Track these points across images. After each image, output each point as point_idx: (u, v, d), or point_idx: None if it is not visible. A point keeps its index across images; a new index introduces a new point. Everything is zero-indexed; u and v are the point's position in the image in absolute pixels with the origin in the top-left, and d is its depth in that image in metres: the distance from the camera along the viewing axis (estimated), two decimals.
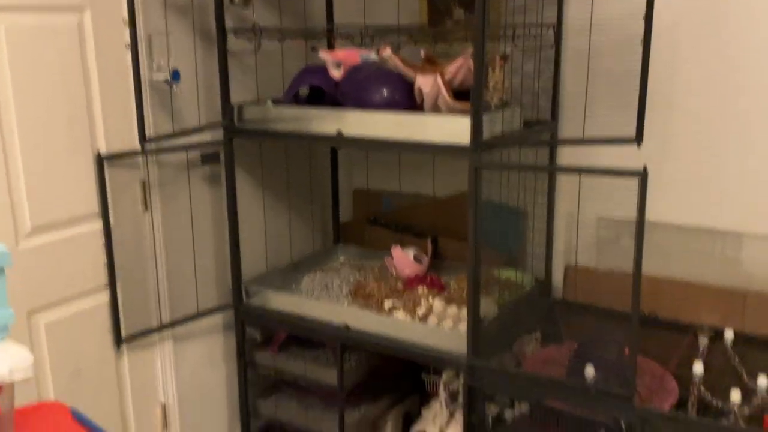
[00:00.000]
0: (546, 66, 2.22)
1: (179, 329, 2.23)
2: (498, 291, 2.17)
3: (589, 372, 1.76)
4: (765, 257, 2.05)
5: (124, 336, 2.05)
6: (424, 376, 2.31)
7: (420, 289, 2.25)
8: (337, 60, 2.08)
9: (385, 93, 1.99)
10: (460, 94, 1.90)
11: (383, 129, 1.93)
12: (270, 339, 2.41)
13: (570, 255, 2.36)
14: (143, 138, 1.92)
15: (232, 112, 2.17)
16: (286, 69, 2.44)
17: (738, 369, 1.91)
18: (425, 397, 2.37)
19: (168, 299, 2.19)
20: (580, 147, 2.27)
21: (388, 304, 2.18)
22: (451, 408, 2.19)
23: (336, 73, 2.07)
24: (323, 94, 2.18)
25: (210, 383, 2.38)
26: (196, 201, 2.24)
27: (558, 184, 2.32)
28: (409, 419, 2.42)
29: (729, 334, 1.97)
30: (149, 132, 2.01)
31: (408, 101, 1.98)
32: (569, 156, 2.30)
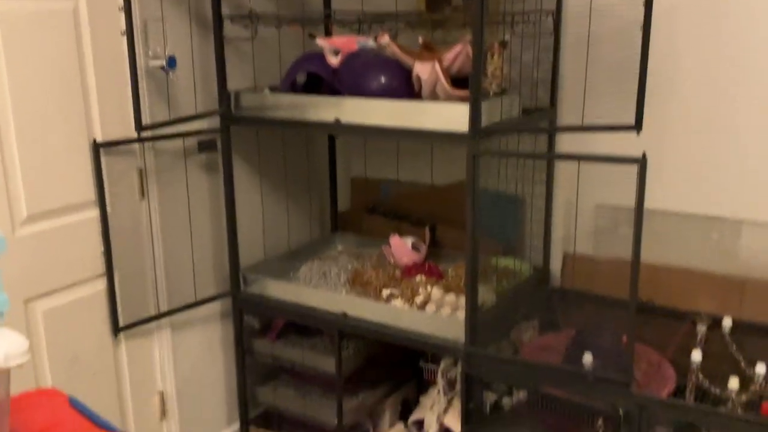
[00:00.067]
0: (545, 54, 2.21)
1: (177, 317, 2.23)
2: (496, 279, 2.17)
3: (587, 359, 1.76)
4: (764, 245, 2.05)
5: (121, 324, 2.05)
6: (421, 363, 2.32)
7: (418, 278, 2.24)
8: (335, 47, 2.07)
9: (383, 80, 1.98)
10: (458, 81, 1.89)
11: (381, 116, 1.92)
12: (268, 327, 2.41)
13: (568, 243, 2.36)
14: (139, 125, 1.90)
15: (228, 99, 2.16)
16: (283, 56, 2.43)
17: (736, 356, 1.91)
18: (423, 385, 2.38)
19: (165, 287, 2.19)
20: (578, 135, 2.26)
21: (386, 292, 2.18)
22: (449, 395, 2.20)
23: (333, 61, 2.06)
24: (321, 81, 2.17)
25: (208, 371, 2.39)
26: (193, 189, 2.24)
27: (556, 171, 2.31)
28: (407, 407, 2.43)
29: (727, 321, 1.97)
30: (146, 119, 2.00)
31: (406, 88, 1.97)
32: (568, 144, 2.30)
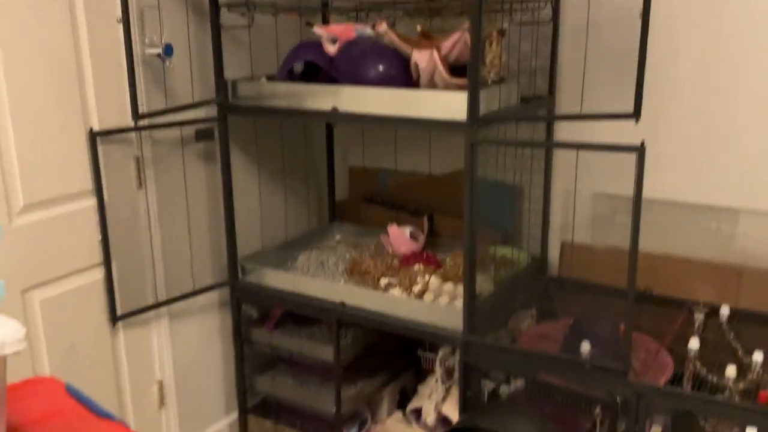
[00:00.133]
0: (543, 42, 2.20)
1: (175, 307, 2.23)
2: (494, 268, 2.17)
3: (585, 348, 1.77)
4: (761, 233, 2.05)
5: (119, 313, 2.05)
6: (419, 352, 2.32)
7: (416, 267, 2.24)
8: (333, 35, 2.06)
9: (381, 69, 1.97)
10: (456, 69, 1.88)
11: (379, 105, 1.91)
12: (266, 316, 2.41)
13: (566, 232, 2.36)
14: (136, 114, 1.89)
15: (225, 88, 2.15)
16: (280, 44, 2.42)
17: (733, 345, 1.92)
18: (421, 374, 2.39)
19: (163, 277, 2.19)
20: (577, 124, 2.26)
21: (384, 281, 2.18)
22: (447, 384, 2.20)
23: (331, 49, 2.05)
24: (318, 69, 2.15)
25: (206, 360, 2.39)
26: (190, 178, 2.23)
27: (555, 160, 2.31)
28: (405, 395, 2.43)
29: (724, 310, 1.97)
30: (142, 108, 1.99)
31: (404, 77, 1.96)
32: (566, 132, 2.29)
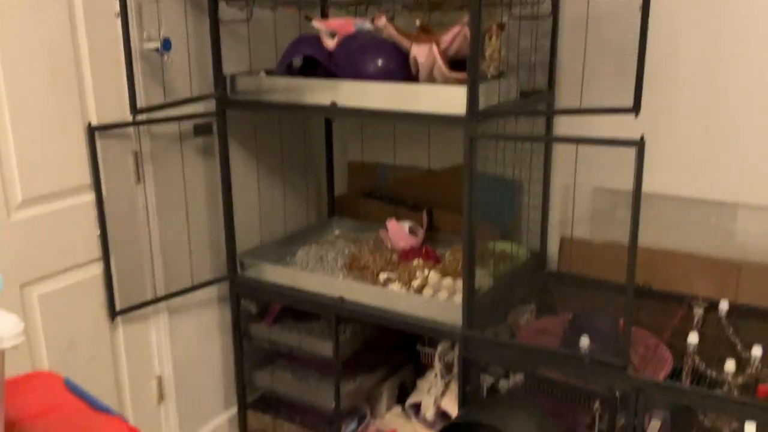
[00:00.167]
0: (543, 37, 2.20)
1: (174, 302, 2.23)
2: (493, 263, 2.17)
3: (584, 342, 1.77)
4: (760, 228, 2.05)
5: (118, 308, 2.04)
6: (419, 347, 2.32)
7: (415, 261, 2.24)
8: (331, 29, 2.05)
9: (380, 63, 1.96)
10: (455, 63, 1.87)
11: (378, 99, 1.91)
12: (265, 311, 2.41)
13: (565, 227, 2.36)
14: (134, 108, 1.89)
15: (224, 82, 2.14)
16: (279, 39, 2.41)
17: (732, 339, 1.91)
18: (420, 369, 2.39)
19: (162, 272, 2.18)
20: (576, 119, 2.25)
21: (383, 276, 2.18)
22: (446, 379, 2.20)
23: (330, 43, 2.04)
24: (317, 64, 2.15)
25: (205, 355, 2.39)
26: (189, 173, 2.23)
27: (554, 155, 2.31)
28: (405, 390, 2.44)
29: (724, 305, 1.97)
30: (140, 102, 1.98)
31: (403, 71, 1.96)
32: (566, 127, 2.29)
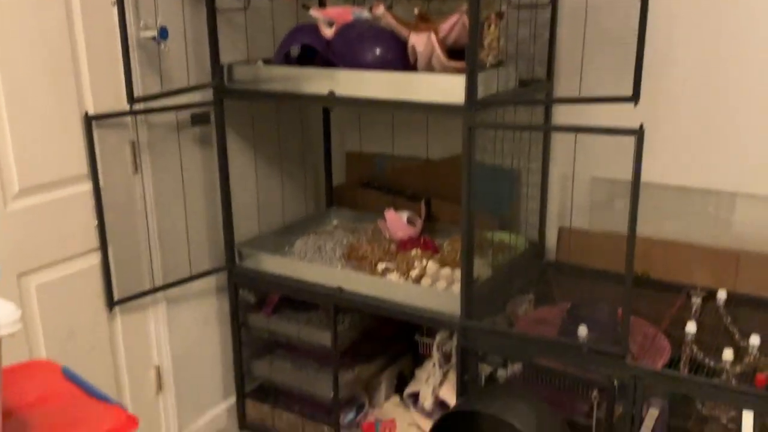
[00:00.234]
0: (542, 26, 2.19)
1: (172, 292, 2.23)
2: (491, 253, 2.17)
3: (582, 331, 1.77)
4: (758, 217, 2.05)
5: (116, 298, 2.04)
6: (417, 337, 2.32)
7: (413, 252, 2.24)
8: (329, 18, 2.04)
9: (378, 52, 1.95)
10: (454, 52, 1.87)
11: (376, 89, 1.90)
12: (263, 301, 2.41)
13: (563, 217, 2.36)
14: (131, 97, 1.88)
15: (221, 71, 2.13)
16: (276, 28, 2.40)
17: (730, 329, 1.92)
18: (418, 359, 2.39)
19: (160, 262, 2.18)
20: (575, 109, 2.25)
21: (381, 266, 2.18)
22: (445, 368, 2.21)
23: (328, 32, 2.03)
24: (315, 53, 2.14)
25: (204, 345, 2.39)
26: (187, 163, 2.22)
27: (553, 145, 2.30)
28: (403, 380, 2.44)
29: (722, 294, 1.97)
30: (137, 92, 1.97)
31: (401, 60, 1.95)
32: (564, 117, 2.28)
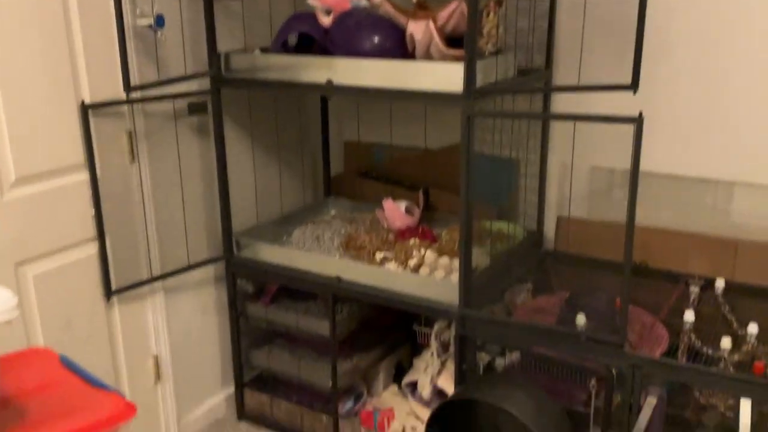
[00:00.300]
0: (541, 18, 2.17)
1: (170, 281, 2.22)
2: (490, 242, 2.16)
3: (581, 320, 1.77)
4: (756, 206, 2.05)
5: (114, 288, 2.04)
6: (415, 327, 2.32)
7: (412, 241, 2.24)
8: (327, 6, 2.02)
9: (376, 40, 1.94)
10: (452, 40, 1.86)
11: (374, 77, 1.89)
12: (262, 291, 2.41)
13: (562, 206, 2.35)
14: (128, 86, 1.87)
15: (219, 60, 2.12)
16: (273, 16, 2.38)
17: (728, 317, 1.92)
18: (417, 348, 2.39)
19: (158, 251, 2.17)
20: (573, 98, 2.24)
21: (379, 255, 2.17)
22: (443, 358, 2.21)
23: (325, 20, 2.02)
24: (312, 41, 2.13)
25: (202, 335, 2.39)
26: (184, 152, 2.21)
27: (551, 134, 2.29)
28: (401, 369, 2.44)
29: (720, 283, 1.98)
30: (134, 80, 1.96)
31: (399, 48, 1.94)
32: (563, 107, 2.27)
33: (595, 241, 2.24)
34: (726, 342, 1.72)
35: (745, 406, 1.58)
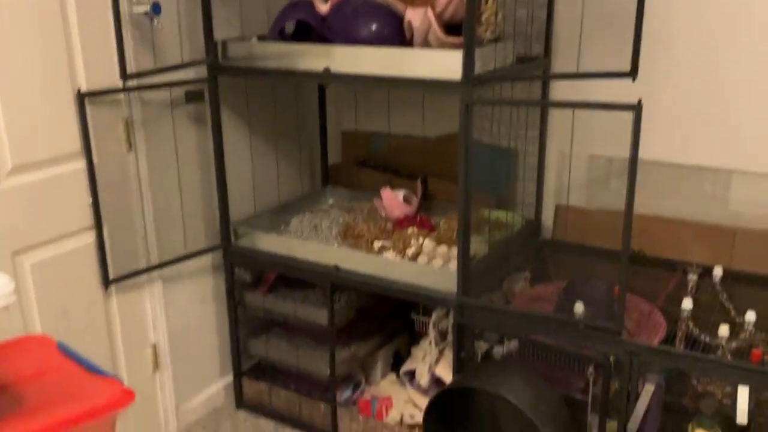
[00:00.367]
0: (540, 7, 2.16)
1: (168, 270, 2.22)
2: (488, 231, 2.16)
3: (578, 308, 1.77)
4: (754, 194, 2.05)
5: (111, 277, 2.03)
6: (413, 316, 2.32)
7: (410, 230, 2.23)
8: None
9: (374, 28, 1.93)
10: (451, 28, 1.85)
11: (372, 65, 1.88)
12: (259, 280, 2.41)
13: (560, 195, 2.35)
14: (124, 73, 1.86)
15: (215, 48, 2.11)
16: (270, 3, 2.37)
17: (726, 305, 1.92)
18: (415, 337, 2.39)
19: (156, 240, 2.17)
20: (572, 87, 2.23)
21: (377, 244, 2.17)
22: (441, 346, 2.21)
23: (323, 8, 2.01)
24: (310, 29, 2.12)
25: (201, 324, 2.39)
26: (181, 141, 2.20)
27: (550, 122, 2.29)
28: (399, 358, 2.45)
29: (718, 271, 1.98)
30: (130, 68, 1.95)
31: (397, 36, 1.93)
32: (562, 96, 2.27)
33: (593, 230, 2.24)
34: (724, 329, 1.72)
35: (743, 393, 1.58)
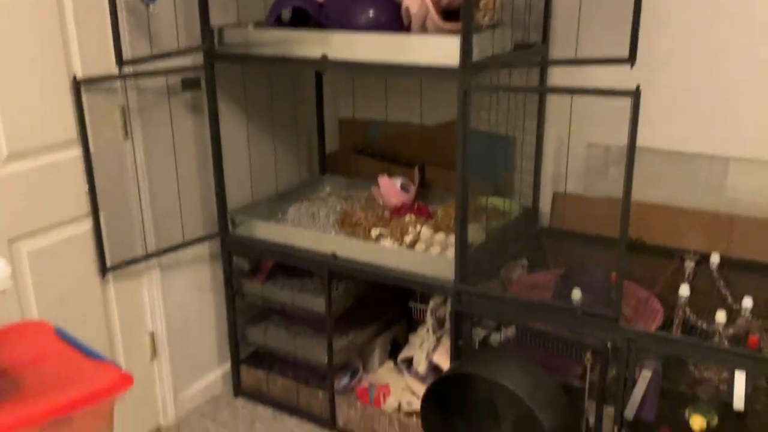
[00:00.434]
0: None
1: (166, 258, 2.22)
2: (485, 218, 2.16)
3: (576, 295, 1.77)
4: (751, 181, 2.05)
5: (108, 264, 2.03)
6: (411, 303, 2.33)
7: (407, 218, 2.23)
8: None
9: (371, 14, 1.93)
10: (449, 13, 1.84)
11: (369, 51, 1.87)
12: (257, 268, 2.41)
13: (558, 182, 2.35)
14: (120, 60, 1.85)
15: (212, 35, 2.10)
16: None
17: (723, 292, 1.93)
18: (412, 325, 2.40)
19: (153, 228, 2.16)
20: (571, 74, 2.23)
21: (375, 232, 2.17)
22: (438, 334, 2.21)
23: None
24: (307, 16, 2.10)
25: (198, 312, 2.39)
26: (178, 129, 2.19)
27: (548, 109, 2.28)
28: (397, 346, 2.45)
29: (715, 258, 1.98)
30: (126, 55, 1.94)
31: (395, 22, 1.92)
32: (559, 82, 2.26)
33: (591, 217, 2.24)
34: (721, 316, 1.72)
35: (740, 378, 1.59)
